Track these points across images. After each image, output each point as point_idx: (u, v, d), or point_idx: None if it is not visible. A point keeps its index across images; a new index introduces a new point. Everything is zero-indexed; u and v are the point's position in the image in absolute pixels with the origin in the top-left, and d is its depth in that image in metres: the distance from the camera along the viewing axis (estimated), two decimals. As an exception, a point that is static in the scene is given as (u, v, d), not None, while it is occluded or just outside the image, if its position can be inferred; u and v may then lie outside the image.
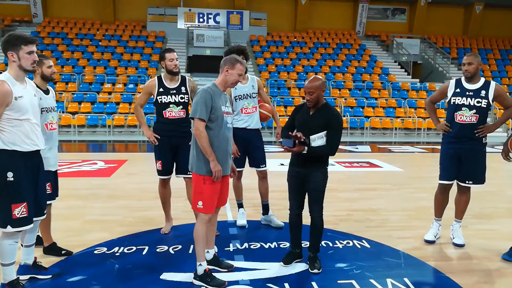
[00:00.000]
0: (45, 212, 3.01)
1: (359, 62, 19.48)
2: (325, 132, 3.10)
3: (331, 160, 9.02)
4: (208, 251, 3.23)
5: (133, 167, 8.02)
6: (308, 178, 3.18)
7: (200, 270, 3.00)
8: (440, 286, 3.12)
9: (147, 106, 11.67)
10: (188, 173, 3.87)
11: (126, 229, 4.22)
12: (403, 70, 20.11)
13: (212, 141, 2.96)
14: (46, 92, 3.38)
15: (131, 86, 15.95)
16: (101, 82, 16.06)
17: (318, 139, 3.10)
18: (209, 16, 20.47)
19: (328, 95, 16.73)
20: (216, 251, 3.39)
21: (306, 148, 3.06)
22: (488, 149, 3.86)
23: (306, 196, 3.28)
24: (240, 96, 4.11)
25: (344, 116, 15.43)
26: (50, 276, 3.06)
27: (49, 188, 3.24)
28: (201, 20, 20.42)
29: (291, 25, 22.01)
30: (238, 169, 3.80)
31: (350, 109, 15.91)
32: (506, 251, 3.62)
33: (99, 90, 15.66)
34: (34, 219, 2.83)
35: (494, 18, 23.06)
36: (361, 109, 16.00)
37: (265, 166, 4.27)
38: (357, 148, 11.99)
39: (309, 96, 3.11)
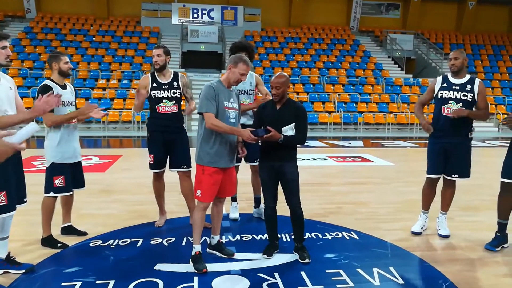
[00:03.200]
0: (25, 200, 3.09)
1: (353, 58, 19.59)
2: (294, 124, 3.26)
3: (323, 154, 9.16)
4: (213, 237, 3.48)
5: (128, 163, 8.09)
6: (283, 170, 3.32)
7: (193, 252, 3.22)
8: (424, 274, 3.25)
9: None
10: (182, 167, 4.09)
11: (121, 222, 4.31)
12: (397, 65, 20.25)
13: (210, 136, 3.16)
14: (64, 87, 3.62)
15: (125, 82, 15.96)
16: (95, 78, 16.05)
17: (288, 130, 3.26)
18: (203, 11, 20.46)
19: (322, 91, 16.84)
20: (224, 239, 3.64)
21: (282, 136, 3.20)
22: (478, 143, 3.96)
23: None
24: (238, 91, 4.22)
25: (337, 111, 15.55)
26: (23, 271, 3.07)
27: (62, 181, 3.43)
28: (195, 15, 20.41)
29: (286, 20, 22.06)
30: (235, 164, 3.90)
31: (343, 105, 16.03)
32: (489, 241, 3.76)
33: (93, 86, 15.66)
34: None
35: (486, 14, 23.24)
36: (354, 105, 16.12)
37: (258, 161, 4.37)
38: (350, 143, 12.12)
39: (275, 91, 3.28)
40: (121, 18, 20.64)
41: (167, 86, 4.01)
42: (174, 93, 4.01)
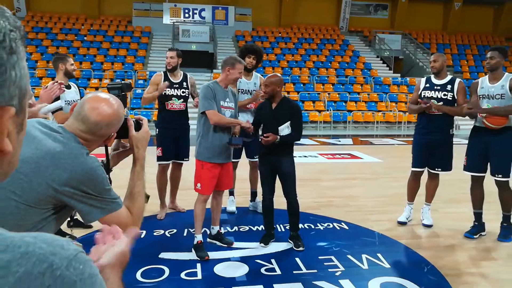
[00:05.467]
0: None
1: (342, 57, 19.93)
2: (289, 122, 3.50)
3: (314, 152, 9.42)
4: (213, 228, 3.71)
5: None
6: (280, 164, 3.58)
7: (195, 241, 3.47)
8: (408, 259, 3.54)
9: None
10: (185, 159, 4.50)
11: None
12: (385, 65, 20.64)
13: (209, 132, 3.38)
14: (68, 87, 3.88)
15: (118, 81, 16.05)
16: (87, 78, 16.13)
17: (285, 129, 3.51)
18: (195, 11, 20.61)
19: (312, 90, 17.14)
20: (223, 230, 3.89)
21: (278, 137, 3.45)
22: (462, 140, 4.26)
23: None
24: (242, 90, 4.49)
25: (327, 110, 15.86)
26: None
27: None
28: (186, 15, 20.55)
29: (276, 20, 22.31)
30: (234, 160, 4.16)
31: (333, 104, 16.34)
32: (468, 230, 4.07)
33: (85, 85, 15.73)
34: None
35: (472, 14, 23.77)
36: (344, 104, 16.45)
37: (258, 158, 4.63)
38: (339, 141, 12.44)
39: (264, 89, 3.53)
40: (112, 18, 20.68)
41: (177, 85, 4.33)
42: (183, 92, 4.35)
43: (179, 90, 4.35)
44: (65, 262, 0.48)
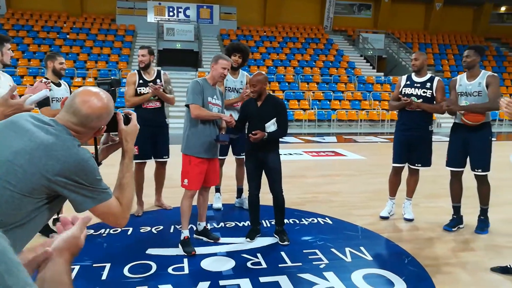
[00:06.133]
0: None
1: (326, 57, 20.12)
2: (275, 118, 3.58)
3: (299, 150, 9.53)
4: (199, 224, 3.75)
5: (110, 158, 8.21)
6: (266, 160, 3.66)
7: (182, 237, 3.51)
8: (390, 251, 3.65)
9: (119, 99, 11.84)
10: (164, 157, 4.50)
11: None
12: (369, 64, 20.92)
13: (197, 128, 3.44)
14: (58, 84, 3.93)
15: (107, 77, 15.89)
16: (71, 76, 15.92)
17: (271, 125, 3.58)
18: (179, 10, 20.54)
19: (297, 89, 17.27)
20: (209, 226, 3.94)
21: (266, 134, 3.52)
22: (443, 138, 4.38)
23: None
24: (229, 88, 4.53)
25: (312, 109, 16.01)
26: None
27: None
28: (171, 14, 20.46)
29: (261, 19, 22.38)
30: (221, 157, 4.21)
31: (318, 102, 16.51)
32: (447, 223, 4.21)
33: (69, 84, 15.44)
34: None
35: (452, 15, 24.28)
36: (328, 102, 16.63)
37: (244, 155, 4.69)
38: (324, 139, 12.59)
39: (252, 88, 3.60)
40: (95, 16, 20.45)
41: (151, 84, 4.31)
42: (153, 87, 4.33)
43: None
44: None
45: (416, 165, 4.40)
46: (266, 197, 4.02)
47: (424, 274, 3.14)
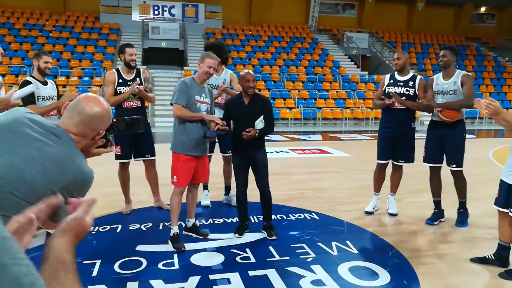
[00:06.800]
0: None
1: (311, 56, 20.30)
2: (262, 116, 3.68)
3: (285, 148, 9.63)
4: (188, 220, 3.79)
5: (96, 158, 8.17)
6: (254, 157, 3.75)
7: (171, 233, 3.55)
8: (375, 245, 3.77)
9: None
10: (146, 156, 4.49)
11: (97, 212, 4.53)
12: (353, 63, 21.18)
13: (184, 126, 3.50)
14: (44, 83, 3.97)
15: (86, 79, 15.75)
16: (54, 75, 15.70)
17: (259, 123, 3.68)
18: (164, 8, 20.44)
19: (283, 87, 17.39)
20: (198, 223, 3.98)
21: (257, 130, 3.61)
22: (426, 135, 4.49)
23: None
24: (212, 86, 4.57)
25: (297, 107, 16.16)
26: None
27: None
28: (156, 12, 20.35)
29: (246, 18, 22.44)
30: (207, 154, 4.25)
31: (303, 101, 16.66)
32: (428, 217, 4.35)
33: (52, 82, 15.34)
34: None
35: (434, 14, 24.74)
36: (313, 101, 16.80)
37: (231, 152, 4.74)
38: (310, 137, 12.73)
39: (253, 83, 3.69)
40: (78, 14, 20.20)
41: (131, 83, 4.34)
42: (138, 89, 4.34)
43: None
44: None
45: (400, 161, 4.53)
46: (253, 194, 4.09)
47: (407, 266, 3.26)
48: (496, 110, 2.74)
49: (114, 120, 1.69)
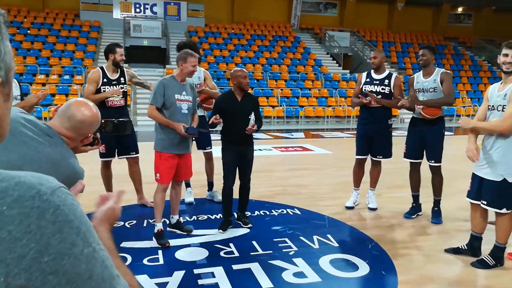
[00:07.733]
0: None
1: (294, 54, 20.44)
2: (253, 112, 3.80)
3: (268, 145, 9.72)
4: (172, 217, 3.84)
5: (79, 157, 8.10)
6: (246, 152, 3.88)
7: (155, 229, 3.60)
8: (354, 237, 3.89)
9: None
10: (131, 153, 4.54)
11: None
12: (335, 61, 21.42)
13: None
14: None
15: (66, 77, 15.51)
16: (33, 73, 15.44)
17: (252, 118, 3.79)
18: (146, 6, 20.27)
19: (266, 86, 17.49)
20: (182, 219, 4.04)
21: (256, 125, 3.76)
22: (405, 132, 4.62)
23: None
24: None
25: (280, 106, 16.27)
26: None
27: None
28: (137, 10, 20.17)
29: (229, 17, 22.44)
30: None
31: (286, 99, 16.78)
32: (407, 211, 4.50)
33: (31, 81, 15.06)
34: None
35: (414, 14, 25.21)
36: (296, 99, 16.94)
37: (211, 148, 4.80)
38: (292, 135, 12.86)
39: (247, 80, 3.87)
40: (57, 11, 19.84)
41: (115, 82, 4.37)
42: (121, 87, 4.39)
43: (117, 86, 4.37)
44: (50, 190, 0.60)
45: (378, 157, 4.66)
46: (237, 191, 4.15)
47: (386, 257, 3.39)
48: (465, 123, 3.09)
49: (102, 121, 1.74)
